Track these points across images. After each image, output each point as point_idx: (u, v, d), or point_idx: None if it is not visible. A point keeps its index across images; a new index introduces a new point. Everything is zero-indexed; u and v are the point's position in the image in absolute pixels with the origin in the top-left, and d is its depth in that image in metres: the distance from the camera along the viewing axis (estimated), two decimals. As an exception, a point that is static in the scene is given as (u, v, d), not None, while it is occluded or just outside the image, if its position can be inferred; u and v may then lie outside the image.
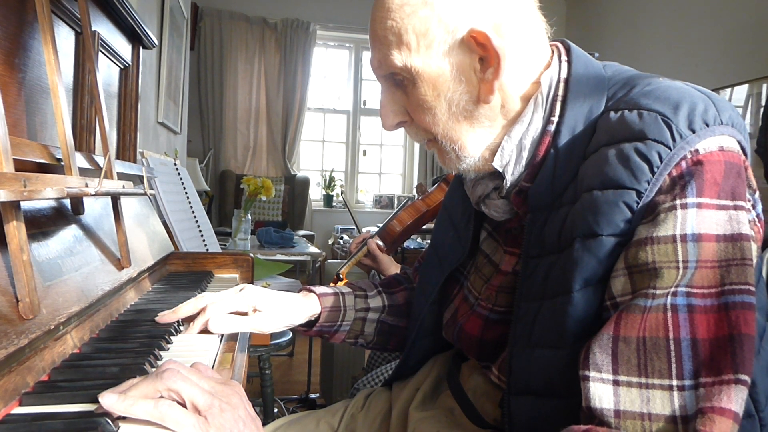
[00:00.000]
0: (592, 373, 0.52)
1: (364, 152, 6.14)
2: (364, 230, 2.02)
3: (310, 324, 0.88)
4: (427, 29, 0.61)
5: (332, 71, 5.98)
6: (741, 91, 3.25)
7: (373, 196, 6.08)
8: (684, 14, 3.72)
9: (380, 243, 1.57)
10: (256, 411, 0.51)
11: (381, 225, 1.63)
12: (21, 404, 0.49)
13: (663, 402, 0.49)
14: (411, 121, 0.69)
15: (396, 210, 1.62)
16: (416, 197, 1.63)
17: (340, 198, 5.98)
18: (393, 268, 1.56)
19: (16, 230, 0.53)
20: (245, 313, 0.79)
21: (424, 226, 1.62)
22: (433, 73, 0.63)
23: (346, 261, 1.64)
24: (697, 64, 3.57)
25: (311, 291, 0.89)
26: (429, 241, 1.07)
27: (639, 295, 0.53)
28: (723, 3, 3.40)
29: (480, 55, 0.62)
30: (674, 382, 0.49)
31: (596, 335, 0.54)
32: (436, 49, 0.62)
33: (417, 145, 6.02)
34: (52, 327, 0.58)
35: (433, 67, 0.62)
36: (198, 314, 0.76)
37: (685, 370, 0.49)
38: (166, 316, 0.75)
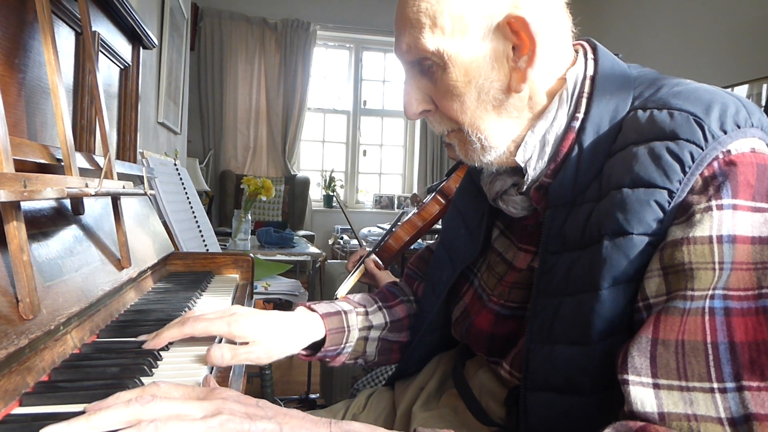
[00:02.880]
0: (632, 377, 0.51)
1: (364, 152, 6.14)
2: (364, 231, 2.02)
3: (311, 346, 0.81)
4: (463, 13, 0.61)
5: (332, 71, 5.98)
6: (741, 92, 3.25)
7: (373, 197, 6.08)
8: (684, 14, 3.72)
9: (377, 260, 1.54)
10: None
11: (377, 241, 1.59)
12: (21, 404, 0.49)
13: (707, 404, 0.48)
14: (435, 110, 0.68)
15: (391, 225, 1.60)
16: (412, 209, 1.61)
17: (341, 198, 5.97)
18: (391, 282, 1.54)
19: (16, 230, 0.53)
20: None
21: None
22: (466, 58, 0.62)
23: (345, 281, 1.61)
24: (697, 64, 3.57)
25: (313, 310, 0.82)
26: (428, 243, 1.06)
27: (676, 297, 0.52)
28: (723, 3, 3.40)
29: (513, 42, 0.62)
30: (715, 385, 0.48)
31: (634, 338, 0.53)
32: (471, 33, 0.61)
33: (417, 146, 6.03)
34: (52, 327, 0.58)
35: (467, 52, 0.62)
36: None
37: (725, 373, 0.48)
38: (150, 344, 0.66)
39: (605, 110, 0.63)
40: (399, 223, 1.55)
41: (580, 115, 0.64)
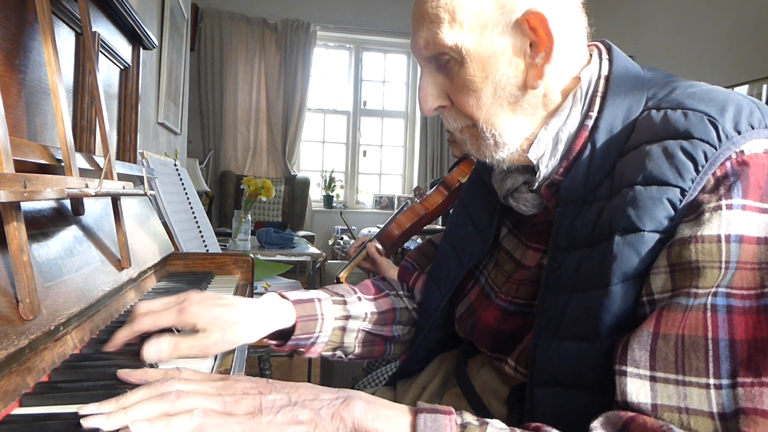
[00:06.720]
0: (630, 369, 0.52)
1: (364, 153, 6.14)
2: (365, 231, 2.03)
3: (283, 336, 0.78)
4: (482, 8, 0.61)
5: (332, 72, 5.98)
6: (741, 92, 3.25)
7: (373, 197, 6.08)
8: (684, 15, 3.72)
9: (379, 246, 1.58)
10: None
11: (380, 228, 1.63)
12: (21, 405, 0.49)
13: (700, 399, 0.49)
14: (450, 106, 0.69)
15: (395, 213, 1.63)
16: (415, 200, 1.64)
17: (341, 198, 5.98)
18: (392, 270, 1.55)
19: (16, 231, 0.53)
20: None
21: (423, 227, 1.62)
22: (484, 53, 0.63)
23: (345, 264, 1.65)
24: (697, 64, 3.57)
25: (284, 297, 0.78)
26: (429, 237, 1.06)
27: (681, 294, 0.53)
28: (723, 4, 3.40)
29: (531, 39, 0.62)
30: (711, 381, 0.49)
31: (635, 331, 0.54)
32: (490, 29, 0.62)
33: (417, 146, 6.03)
34: (52, 328, 0.58)
35: (486, 48, 0.62)
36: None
37: (722, 369, 0.49)
38: (107, 346, 0.64)
39: (619, 110, 0.63)
40: (401, 211, 1.57)
41: (594, 114, 0.64)
